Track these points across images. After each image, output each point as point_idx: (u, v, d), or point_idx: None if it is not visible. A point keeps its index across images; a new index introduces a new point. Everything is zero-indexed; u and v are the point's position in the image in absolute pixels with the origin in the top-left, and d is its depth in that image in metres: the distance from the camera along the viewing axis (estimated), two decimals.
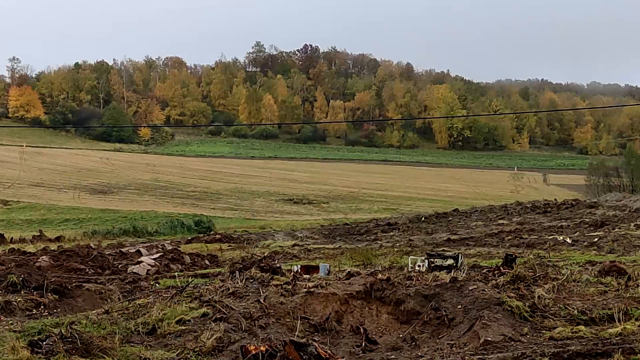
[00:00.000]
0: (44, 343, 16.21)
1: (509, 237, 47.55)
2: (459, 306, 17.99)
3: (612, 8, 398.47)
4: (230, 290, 20.33)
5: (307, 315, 18.26)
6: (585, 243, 41.22)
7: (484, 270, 24.29)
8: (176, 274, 29.99)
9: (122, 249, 44.48)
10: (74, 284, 24.51)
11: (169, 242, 53.72)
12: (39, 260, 34.12)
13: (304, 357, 13.00)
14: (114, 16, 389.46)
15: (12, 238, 58.98)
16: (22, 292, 22.70)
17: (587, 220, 58.52)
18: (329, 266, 28.19)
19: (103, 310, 20.30)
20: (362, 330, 17.59)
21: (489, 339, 15.98)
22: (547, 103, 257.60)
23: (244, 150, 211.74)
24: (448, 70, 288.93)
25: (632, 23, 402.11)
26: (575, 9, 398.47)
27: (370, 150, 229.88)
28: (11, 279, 24.45)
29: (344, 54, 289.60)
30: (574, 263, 28.73)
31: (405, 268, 26.79)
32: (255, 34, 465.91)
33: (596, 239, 43.08)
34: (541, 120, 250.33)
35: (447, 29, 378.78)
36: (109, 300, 22.14)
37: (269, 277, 23.23)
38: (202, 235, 62.89)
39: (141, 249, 43.30)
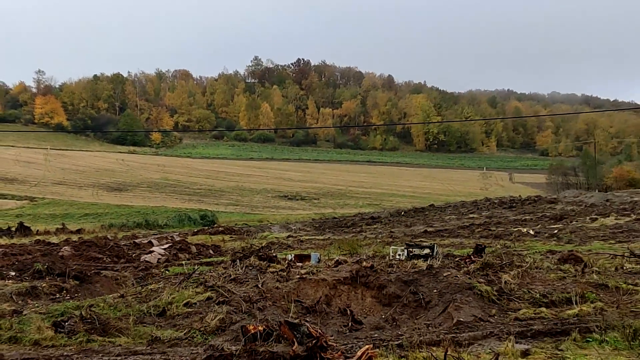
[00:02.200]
0: (66, 323, 16.15)
1: (479, 229, 47.68)
2: (435, 290, 18.00)
3: (569, 26, 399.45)
4: (232, 277, 20.30)
5: (300, 298, 18.25)
6: (546, 234, 41.37)
7: (457, 259, 24.36)
8: (184, 262, 29.99)
9: (136, 240, 44.41)
10: (92, 271, 24.47)
11: (177, 234, 53.68)
12: (61, 250, 34.05)
13: (297, 336, 12.97)
14: (128, 33, 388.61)
15: (37, 230, 58.84)
16: (46, 278, 22.65)
17: (547, 214, 58.70)
18: (320, 255, 28.21)
19: (119, 294, 20.25)
20: (348, 312, 17.58)
21: (461, 319, 16.00)
22: (513, 110, 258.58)
23: (244, 153, 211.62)
24: (425, 81, 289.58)
25: (587, 39, 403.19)
26: (537, 26, 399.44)
27: (356, 152, 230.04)
28: (37, 267, 24.38)
29: (333, 67, 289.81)
30: (536, 252, 28.82)
31: (387, 257, 26.81)
32: (253, 49, 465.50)
33: (556, 231, 43.23)
34: (507, 125, 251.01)
35: (424, 43, 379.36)
36: (123, 285, 22.08)
37: (266, 265, 23.19)
38: (206, 227, 62.83)
39: (152, 240, 43.23)
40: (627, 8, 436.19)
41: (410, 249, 26.96)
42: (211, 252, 36.41)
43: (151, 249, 35.20)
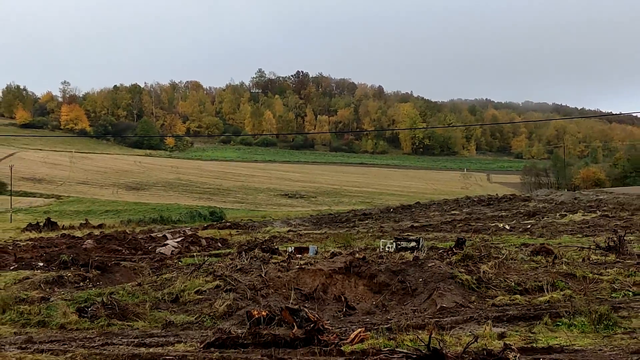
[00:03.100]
0: (89, 309, 16.15)
1: (460, 225, 47.67)
2: (420, 279, 18.02)
3: (541, 40, 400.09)
4: (238, 267, 20.31)
5: (299, 286, 18.25)
6: (521, 229, 41.40)
7: (440, 251, 24.37)
8: (195, 254, 29.96)
9: (151, 234, 44.41)
10: (113, 262, 24.48)
11: (189, 228, 53.59)
12: (85, 243, 34.06)
13: (297, 320, 12.97)
14: (145, 47, 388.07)
15: (63, 225, 58.77)
16: (71, 268, 22.66)
17: (522, 211, 58.73)
18: (317, 247, 28.22)
19: (136, 283, 20.25)
20: (343, 298, 17.59)
21: (444, 305, 16.01)
22: (490, 117, 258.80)
23: (249, 155, 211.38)
24: (411, 91, 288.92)
25: (558, 52, 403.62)
26: (512, 41, 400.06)
27: (350, 155, 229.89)
28: (63, 258, 24.41)
29: (329, 78, 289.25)
30: (511, 245, 28.87)
31: (378, 249, 26.84)
32: (257, 62, 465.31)
33: (529, 226, 43.27)
34: (485, 131, 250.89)
35: (411, 57, 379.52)
36: (140, 275, 22.07)
37: (269, 256, 23.23)
38: (215, 223, 62.80)
39: (167, 234, 43.22)
40: (593, 26, 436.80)
41: (398, 242, 26.96)
42: (219, 245, 36.41)
43: (165, 242, 35.20)
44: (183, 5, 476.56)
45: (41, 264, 24.81)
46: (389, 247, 26.45)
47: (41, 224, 56.26)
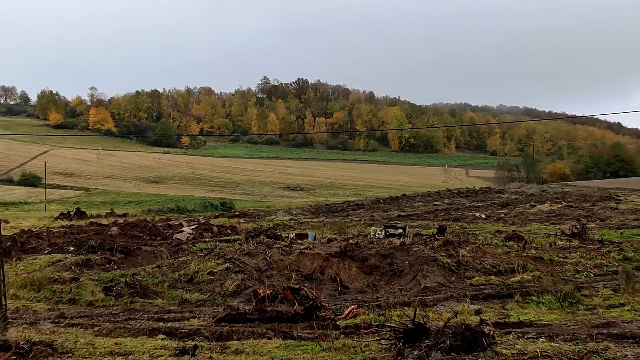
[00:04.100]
0: (114, 288, 16.13)
1: (442, 214, 47.64)
2: (406, 262, 18.02)
3: (512, 48, 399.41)
4: (246, 251, 20.29)
5: (300, 268, 18.25)
6: (495, 218, 41.41)
7: (424, 237, 24.38)
8: (207, 239, 29.93)
9: (169, 222, 44.33)
10: (135, 247, 24.43)
11: (202, 217, 53.54)
12: (110, 230, 34.02)
13: (298, 298, 12.96)
14: (163, 56, 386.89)
15: (91, 214, 58.69)
16: (98, 252, 22.62)
17: (496, 201, 58.73)
18: (315, 234, 28.20)
19: (156, 265, 20.23)
20: (338, 279, 17.60)
21: (427, 285, 16.01)
22: (468, 119, 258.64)
23: (255, 153, 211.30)
24: (399, 96, 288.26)
25: (528, 60, 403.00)
26: (487, 50, 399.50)
27: (344, 152, 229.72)
28: (91, 243, 24.35)
29: (326, 84, 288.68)
30: (486, 232, 28.90)
31: (369, 235, 26.82)
32: (263, 70, 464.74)
33: (502, 215, 43.28)
34: (464, 131, 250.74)
35: (399, 66, 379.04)
36: (159, 258, 22.06)
37: (273, 242, 23.20)
38: (225, 212, 62.75)
39: (183, 222, 43.16)
40: (559, 35, 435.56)
41: (387, 229, 26.94)
42: (229, 231, 36.33)
43: (181, 229, 35.17)
44: (197, 18, 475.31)
45: (72, 249, 24.76)
46: (378, 234, 26.44)
47: (72, 213, 56.20)
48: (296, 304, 12.63)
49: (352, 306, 13.20)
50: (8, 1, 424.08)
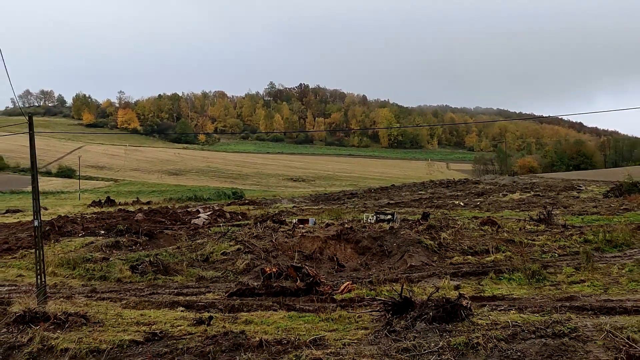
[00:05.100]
0: (140, 267, 16.14)
1: (425, 202, 47.66)
2: (394, 244, 18.04)
3: (485, 54, 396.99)
4: (254, 234, 20.30)
5: (302, 249, 18.26)
6: (472, 205, 41.43)
7: (410, 222, 24.40)
8: (221, 224, 29.94)
9: (188, 209, 44.30)
10: (158, 230, 24.43)
11: (216, 205, 53.48)
12: (136, 215, 34.00)
13: (300, 275, 12.97)
14: (182, 63, 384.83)
15: (119, 202, 58.64)
16: (126, 235, 22.62)
17: (473, 191, 58.78)
18: (315, 219, 28.20)
19: (176, 246, 20.24)
20: (335, 259, 17.62)
21: (413, 264, 16.03)
22: (449, 119, 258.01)
23: (263, 148, 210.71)
24: (388, 99, 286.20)
25: (500, 65, 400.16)
26: (464, 57, 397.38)
27: (340, 148, 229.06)
28: (119, 227, 24.34)
29: (324, 89, 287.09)
30: (464, 217, 28.92)
31: (362, 221, 26.84)
32: (269, 76, 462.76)
33: (478, 203, 43.32)
34: (445, 130, 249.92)
35: (389, 72, 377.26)
36: (179, 240, 22.06)
37: (278, 226, 23.21)
38: (237, 200, 62.67)
39: (199, 209, 43.13)
40: (528, 39, 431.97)
41: (378, 215, 26.96)
42: (240, 217, 36.31)
43: (198, 215, 35.13)
44: (211, 29, 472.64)
45: (102, 232, 24.77)
46: (370, 219, 26.45)
47: (102, 201, 56.16)
48: (298, 281, 12.64)
49: (347, 282, 13.21)
50: (46, 17, 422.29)
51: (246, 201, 58.98)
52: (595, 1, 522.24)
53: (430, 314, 7.83)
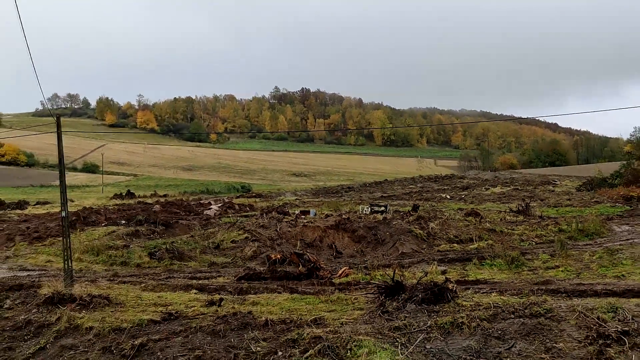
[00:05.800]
0: (157, 253, 16.15)
1: (415, 195, 47.72)
2: (387, 233, 18.05)
3: (471, 60, 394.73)
4: (261, 224, 20.29)
5: (303, 238, 18.27)
6: (457, 198, 41.47)
7: (401, 213, 24.42)
8: (231, 215, 29.95)
9: (200, 201, 44.30)
10: (173, 221, 24.42)
11: (226, 197, 53.54)
12: (154, 207, 33.99)
13: (302, 261, 12.98)
14: (196, 69, 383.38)
15: (139, 195, 58.60)
16: (144, 225, 22.60)
17: (458, 185, 58.82)
18: (316, 211, 28.22)
19: (190, 235, 20.24)
20: (333, 246, 17.63)
21: (404, 251, 16.04)
22: (437, 120, 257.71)
23: (268, 147, 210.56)
24: (382, 101, 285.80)
25: (484, 70, 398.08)
26: (451, 59, 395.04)
27: (339, 146, 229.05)
28: (138, 217, 24.31)
29: (324, 92, 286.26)
30: (451, 209, 28.94)
31: (358, 212, 26.86)
32: (274, 80, 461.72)
33: (463, 196, 43.35)
34: (433, 130, 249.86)
35: (383, 77, 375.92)
36: (193, 229, 22.06)
37: (282, 217, 23.21)
38: (245, 194, 62.76)
39: (211, 201, 43.15)
40: (506, 44, 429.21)
41: (372, 207, 26.99)
42: (248, 209, 36.33)
43: (210, 207, 35.15)
44: (220, 37, 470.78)
45: (123, 222, 24.76)
46: (365, 211, 26.49)
47: (123, 194, 56.16)
48: (300, 266, 12.66)
49: (345, 267, 13.23)
50: (77, 28, 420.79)
51: (253, 194, 59.01)
52: (566, 13, 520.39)
53: (420, 296, 7.84)
